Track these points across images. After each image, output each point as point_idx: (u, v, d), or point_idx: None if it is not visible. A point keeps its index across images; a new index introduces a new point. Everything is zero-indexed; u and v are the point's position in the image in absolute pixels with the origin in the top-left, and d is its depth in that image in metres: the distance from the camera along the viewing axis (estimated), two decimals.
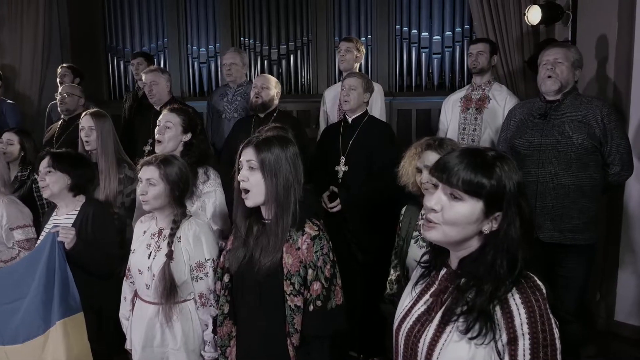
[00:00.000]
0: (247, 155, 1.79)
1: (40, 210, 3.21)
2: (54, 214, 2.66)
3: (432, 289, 1.36)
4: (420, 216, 2.21)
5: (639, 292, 3.47)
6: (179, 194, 2.26)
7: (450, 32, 5.33)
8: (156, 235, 2.25)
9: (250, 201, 1.79)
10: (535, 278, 1.22)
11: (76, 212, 2.59)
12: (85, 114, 3.09)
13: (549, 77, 2.68)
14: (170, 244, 2.17)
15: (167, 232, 2.22)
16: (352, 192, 3.03)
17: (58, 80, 4.50)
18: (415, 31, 5.40)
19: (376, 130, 3.19)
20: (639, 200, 3.40)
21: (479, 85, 3.53)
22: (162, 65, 5.92)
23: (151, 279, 2.18)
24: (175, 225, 2.21)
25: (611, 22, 3.58)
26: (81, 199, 2.63)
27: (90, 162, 2.82)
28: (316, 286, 1.75)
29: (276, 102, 3.51)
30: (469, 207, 1.22)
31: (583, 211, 2.66)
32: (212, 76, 5.89)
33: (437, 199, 1.25)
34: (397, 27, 5.45)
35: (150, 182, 2.19)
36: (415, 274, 1.47)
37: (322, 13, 5.55)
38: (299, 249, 1.77)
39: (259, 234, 1.84)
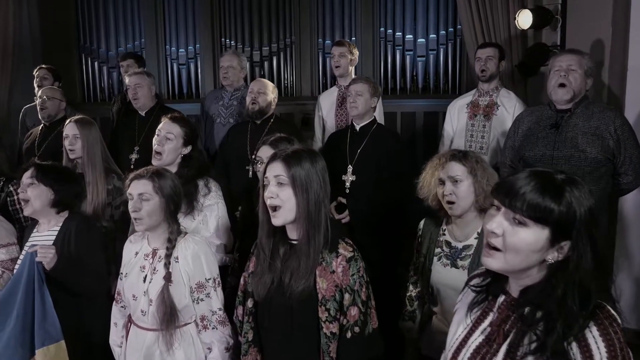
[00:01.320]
0: (275, 170, 1.66)
1: (16, 225, 2.99)
2: (34, 230, 2.46)
3: (491, 317, 1.28)
4: (440, 231, 2.14)
5: (634, 295, 3.50)
6: (174, 209, 2.10)
7: (435, 35, 5.30)
8: (150, 256, 2.08)
9: (280, 219, 1.66)
10: (609, 307, 1.15)
11: (58, 228, 2.40)
12: (70, 121, 2.91)
13: (562, 85, 2.62)
14: (167, 265, 2.01)
15: (162, 252, 2.05)
16: (360, 203, 2.93)
17: (36, 82, 4.24)
18: (400, 34, 5.35)
19: (385, 139, 3.10)
20: (633, 205, 3.41)
21: (487, 92, 3.47)
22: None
23: (148, 304, 2.02)
24: (171, 244, 2.04)
25: (604, 27, 3.58)
26: (64, 214, 2.44)
27: (78, 177, 2.60)
28: (353, 311, 1.65)
29: (273, 107, 3.39)
30: (533, 235, 1.14)
31: None
32: (191, 78, 5.70)
33: (498, 223, 1.17)
34: (381, 29, 5.39)
35: (143, 197, 2.01)
36: (465, 300, 1.38)
37: (306, 14, 5.44)
38: (333, 272, 1.65)
39: (287, 257, 1.71)
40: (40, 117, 3.74)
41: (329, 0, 5.42)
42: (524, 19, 4.03)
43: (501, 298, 1.27)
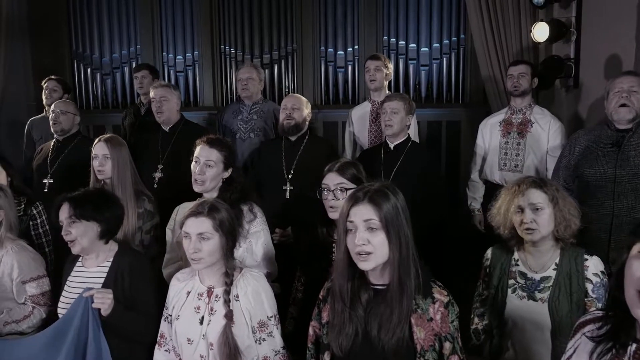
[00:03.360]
0: (364, 214, 1.54)
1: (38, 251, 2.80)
2: (78, 263, 2.26)
3: None
4: (512, 262, 2.08)
5: None
6: (232, 245, 1.97)
7: (438, 44, 5.28)
8: (205, 295, 1.94)
9: (372, 263, 1.53)
10: None
11: (108, 264, 2.20)
12: (100, 141, 2.75)
13: (624, 105, 2.61)
14: (227, 302, 1.89)
15: (219, 290, 1.93)
16: None
17: (44, 95, 4.01)
18: (403, 42, 5.31)
19: (422, 158, 3.03)
20: None
21: (519, 109, 3.45)
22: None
23: (208, 348, 1.88)
24: (229, 280, 1.92)
25: (625, 42, 3.60)
26: (113, 247, 2.24)
27: (115, 198, 2.40)
28: None
29: (307, 123, 3.28)
30: None
31: None
32: (189, 86, 5.51)
33: None
34: (384, 38, 5.33)
35: (203, 237, 1.88)
36: (583, 348, 1.33)
37: (308, 21, 5.33)
38: (431, 319, 1.54)
39: (372, 304, 1.58)
40: (52, 132, 3.52)
41: (332, 8, 5.32)
42: (541, 32, 4.03)
43: (632, 346, 1.22)
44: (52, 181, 3.34)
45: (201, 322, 1.90)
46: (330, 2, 5.31)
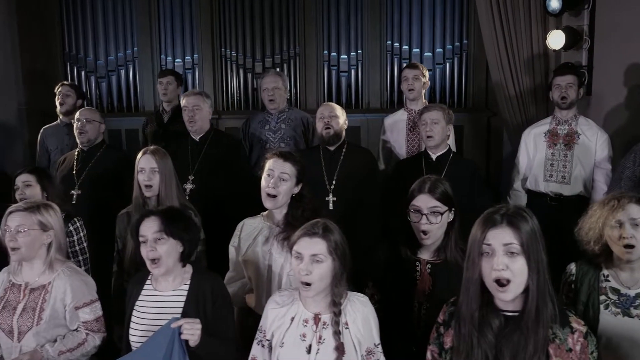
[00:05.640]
0: (504, 238, 1.47)
1: None
2: (147, 285, 2.08)
3: None
4: (602, 277, 2.05)
5: None
6: (344, 271, 1.85)
7: (441, 49, 5.29)
8: (311, 322, 1.84)
9: (511, 294, 1.48)
10: None
11: (186, 287, 2.04)
12: (146, 153, 2.58)
13: None
14: (338, 334, 1.79)
15: (327, 317, 1.83)
16: None
17: (58, 101, 3.78)
18: (407, 47, 5.30)
19: (466, 171, 2.98)
20: None
21: (565, 120, 3.45)
22: (131, 78, 5.25)
23: None
24: (338, 309, 1.82)
25: None
26: (187, 269, 2.08)
27: (195, 222, 2.25)
28: None
29: (344, 131, 3.20)
30: None
31: None
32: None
33: None
34: (388, 42, 5.31)
35: (316, 259, 1.77)
36: None
37: (311, 25, 5.25)
38: (570, 350, 1.50)
39: (505, 332, 1.52)
40: (78, 142, 3.35)
41: (335, 12, 5.26)
42: (556, 40, 4.07)
43: None
44: (80, 192, 3.21)
45: (308, 351, 1.80)
46: (334, 5, 5.25)
